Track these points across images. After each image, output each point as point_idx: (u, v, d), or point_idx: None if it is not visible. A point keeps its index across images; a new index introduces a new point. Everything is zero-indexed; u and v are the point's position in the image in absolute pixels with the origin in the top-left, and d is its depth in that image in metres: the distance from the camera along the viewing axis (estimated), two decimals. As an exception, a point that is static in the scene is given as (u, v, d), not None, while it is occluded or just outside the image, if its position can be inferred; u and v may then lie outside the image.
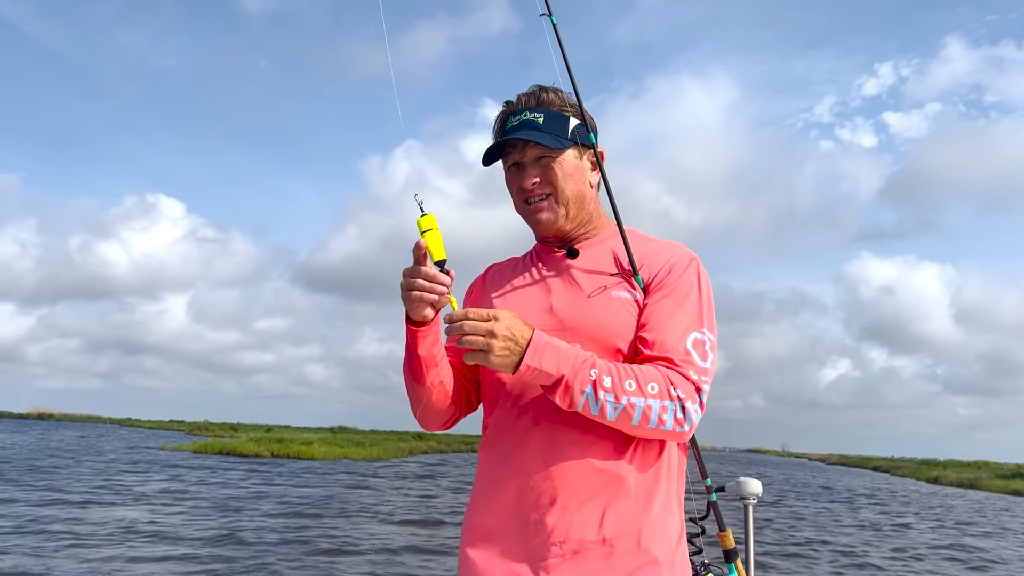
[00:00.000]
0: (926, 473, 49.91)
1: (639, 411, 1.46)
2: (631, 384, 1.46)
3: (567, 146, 1.71)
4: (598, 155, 1.77)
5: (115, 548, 9.50)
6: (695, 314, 1.60)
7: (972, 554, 13.42)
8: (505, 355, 1.45)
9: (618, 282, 1.66)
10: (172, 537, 10.48)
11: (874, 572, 10.84)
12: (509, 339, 1.45)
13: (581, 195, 1.74)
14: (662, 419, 1.47)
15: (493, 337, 1.44)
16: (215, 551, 9.61)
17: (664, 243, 1.74)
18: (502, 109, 1.78)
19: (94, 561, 8.69)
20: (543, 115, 1.71)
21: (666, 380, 1.49)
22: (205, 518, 12.60)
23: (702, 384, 1.52)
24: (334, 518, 13.41)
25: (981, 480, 40.96)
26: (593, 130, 1.77)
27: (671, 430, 1.49)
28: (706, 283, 1.67)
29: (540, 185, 1.72)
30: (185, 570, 8.48)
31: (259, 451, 34.54)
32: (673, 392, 1.48)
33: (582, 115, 1.75)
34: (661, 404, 1.47)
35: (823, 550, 12.57)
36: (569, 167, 1.72)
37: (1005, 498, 32.61)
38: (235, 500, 15.47)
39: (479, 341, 1.45)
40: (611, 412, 1.46)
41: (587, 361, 1.49)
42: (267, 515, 13.25)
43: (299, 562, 9.14)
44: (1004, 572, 11.70)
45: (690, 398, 1.49)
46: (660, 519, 1.57)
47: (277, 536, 10.99)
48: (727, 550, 1.86)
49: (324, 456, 34.96)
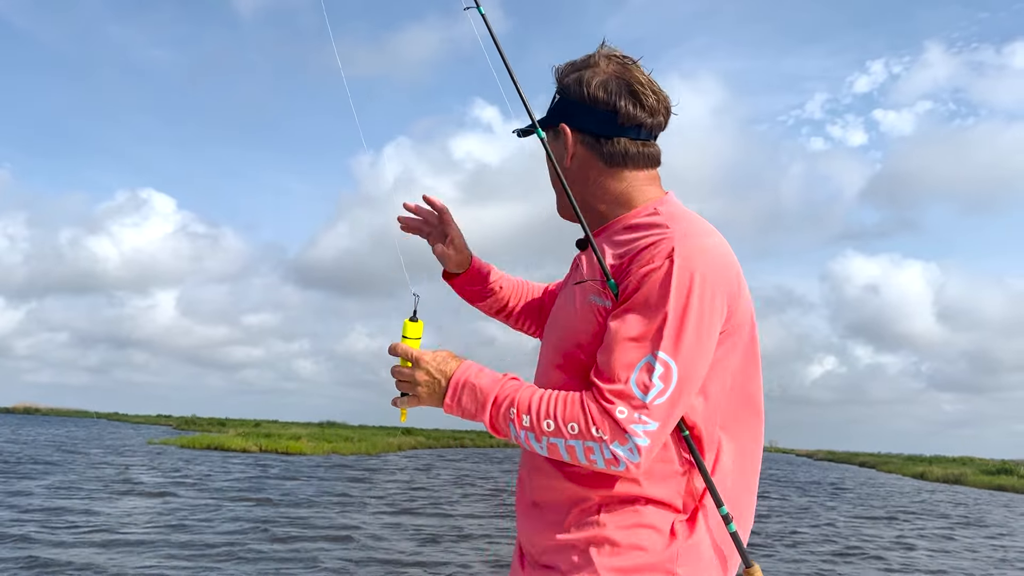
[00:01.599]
0: (912, 469, 50.25)
1: (562, 451, 1.38)
2: (549, 424, 1.37)
3: (530, 131, 1.64)
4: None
5: (95, 549, 9.44)
6: (651, 334, 1.36)
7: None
8: (433, 399, 1.49)
9: (598, 288, 1.48)
10: (154, 532, 10.43)
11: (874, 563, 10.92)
12: (431, 380, 1.48)
13: (554, 180, 1.64)
14: (590, 459, 1.36)
15: (416, 384, 1.49)
16: (199, 545, 9.57)
17: (657, 236, 1.43)
18: None
19: (73, 563, 8.63)
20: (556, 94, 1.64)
21: (588, 419, 1.35)
22: (189, 512, 12.56)
23: (631, 423, 1.32)
24: (323, 508, 13.40)
25: (966, 476, 41.26)
26: (577, 102, 1.57)
27: (605, 468, 1.36)
28: (683, 290, 1.37)
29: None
30: (170, 565, 8.44)
31: (247, 446, 34.39)
32: (595, 433, 1.34)
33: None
34: (584, 445, 1.35)
35: (810, 543, 12.64)
36: (552, 149, 1.62)
37: (993, 494, 32.90)
38: (222, 493, 15.41)
39: (407, 387, 1.50)
40: (537, 448, 1.41)
41: (508, 397, 1.42)
42: (258, 506, 13.24)
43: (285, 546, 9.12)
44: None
45: (616, 439, 1.32)
46: (630, 534, 1.43)
47: (269, 526, 10.96)
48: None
49: (312, 451, 34.86)
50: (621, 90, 1.54)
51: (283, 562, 8.85)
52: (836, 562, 11.10)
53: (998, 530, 17.18)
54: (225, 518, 12.13)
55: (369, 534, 11.24)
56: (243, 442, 35.21)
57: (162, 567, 8.28)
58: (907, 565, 11.22)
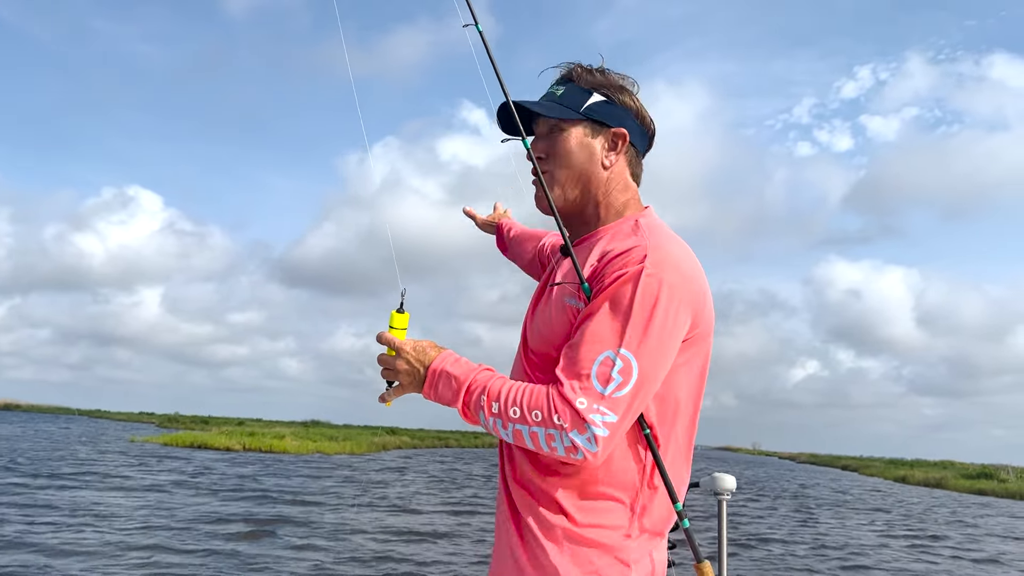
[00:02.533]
0: (894, 472, 50.63)
1: (526, 437, 1.44)
2: (515, 411, 1.45)
3: (575, 119, 1.64)
4: (586, 137, 1.66)
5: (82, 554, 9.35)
6: (615, 330, 1.43)
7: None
8: (412, 383, 1.57)
9: (574, 289, 1.56)
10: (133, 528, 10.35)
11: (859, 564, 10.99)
12: (411, 369, 1.55)
13: (585, 176, 1.66)
14: (551, 446, 1.42)
15: (398, 372, 1.56)
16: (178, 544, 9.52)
17: (633, 244, 1.52)
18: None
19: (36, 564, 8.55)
20: (564, 89, 1.67)
21: (551, 407, 1.42)
22: (172, 508, 12.48)
23: (590, 414, 1.39)
24: (305, 506, 13.36)
25: (947, 480, 41.61)
26: (626, 112, 1.67)
27: (565, 456, 1.42)
28: (650, 294, 1.44)
29: (544, 161, 1.68)
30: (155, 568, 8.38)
31: (230, 444, 34.21)
32: (556, 420, 1.40)
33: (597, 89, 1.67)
34: (546, 432, 1.42)
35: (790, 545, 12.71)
36: (574, 144, 1.65)
37: (973, 498, 33.19)
38: (203, 490, 15.32)
39: (389, 375, 1.58)
40: (504, 434, 1.49)
41: (480, 385, 1.50)
42: (231, 502, 13.18)
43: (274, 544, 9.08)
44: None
45: (575, 428, 1.39)
46: (593, 534, 1.50)
47: (244, 525, 10.90)
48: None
49: (297, 450, 34.73)
50: (649, 115, 1.73)
51: (258, 559, 8.81)
52: (812, 562, 11.16)
53: (977, 532, 17.34)
54: (203, 514, 12.06)
55: (351, 531, 11.21)
56: (226, 440, 35.00)
57: (136, 563, 8.22)
58: (888, 565, 11.30)
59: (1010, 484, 37.53)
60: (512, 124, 1.70)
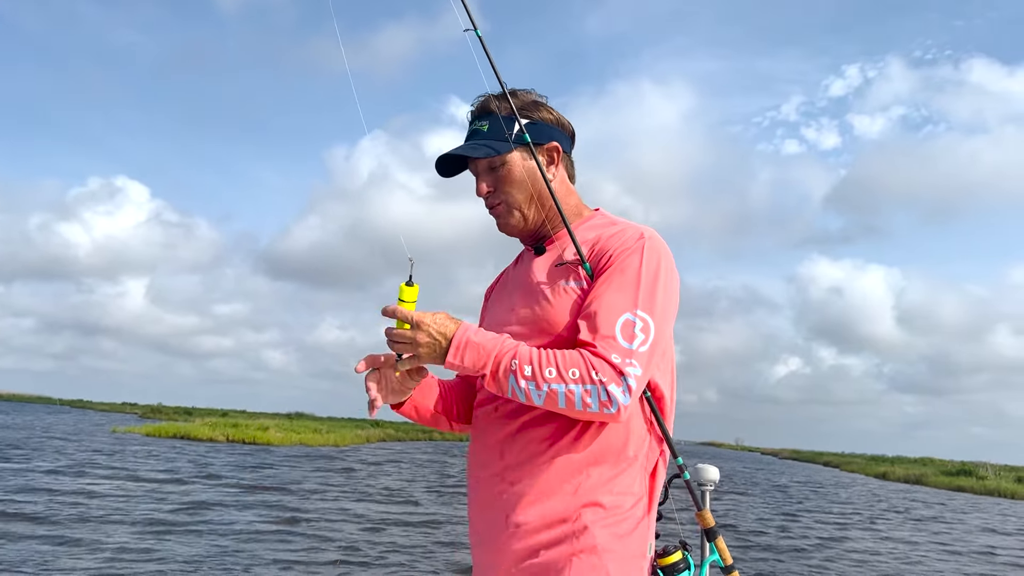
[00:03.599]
0: (874, 469, 51.08)
1: (562, 396, 1.52)
2: (551, 371, 1.53)
3: (510, 150, 1.76)
4: (534, 153, 1.77)
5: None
6: (630, 295, 1.60)
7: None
8: (432, 355, 1.60)
9: (571, 272, 1.70)
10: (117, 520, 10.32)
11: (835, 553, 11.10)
12: (432, 341, 1.59)
13: (537, 195, 1.78)
14: (586, 402, 1.51)
15: (417, 345, 1.59)
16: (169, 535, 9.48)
17: (623, 226, 1.74)
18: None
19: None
20: (488, 123, 1.79)
21: (587, 365, 1.52)
22: (154, 498, 12.43)
23: (625, 367, 1.53)
24: (285, 495, 13.35)
25: (927, 476, 42.04)
26: (550, 125, 1.81)
27: (598, 412, 1.52)
28: (653, 262, 1.65)
29: (493, 195, 1.80)
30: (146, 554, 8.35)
31: (214, 436, 34.06)
32: (595, 376, 1.51)
33: (514, 115, 1.76)
34: (583, 388, 1.51)
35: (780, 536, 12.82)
36: (517, 171, 1.77)
37: (953, 495, 33.55)
38: (183, 479, 15.27)
39: (406, 348, 1.61)
40: (536, 398, 1.54)
41: (509, 352, 1.57)
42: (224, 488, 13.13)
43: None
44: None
45: (612, 381, 1.51)
46: (613, 502, 1.62)
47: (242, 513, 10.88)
48: (707, 529, 1.76)
49: (281, 442, 34.63)
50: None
51: (243, 550, 8.80)
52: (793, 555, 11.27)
53: (952, 526, 17.55)
54: (181, 503, 12.04)
55: (333, 519, 11.21)
56: (210, 431, 34.85)
57: (109, 550, 8.19)
58: (872, 556, 11.43)
59: (989, 481, 37.97)
60: (450, 168, 1.84)
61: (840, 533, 15.07)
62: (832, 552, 12.31)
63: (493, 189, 1.80)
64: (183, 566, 7.91)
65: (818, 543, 13.26)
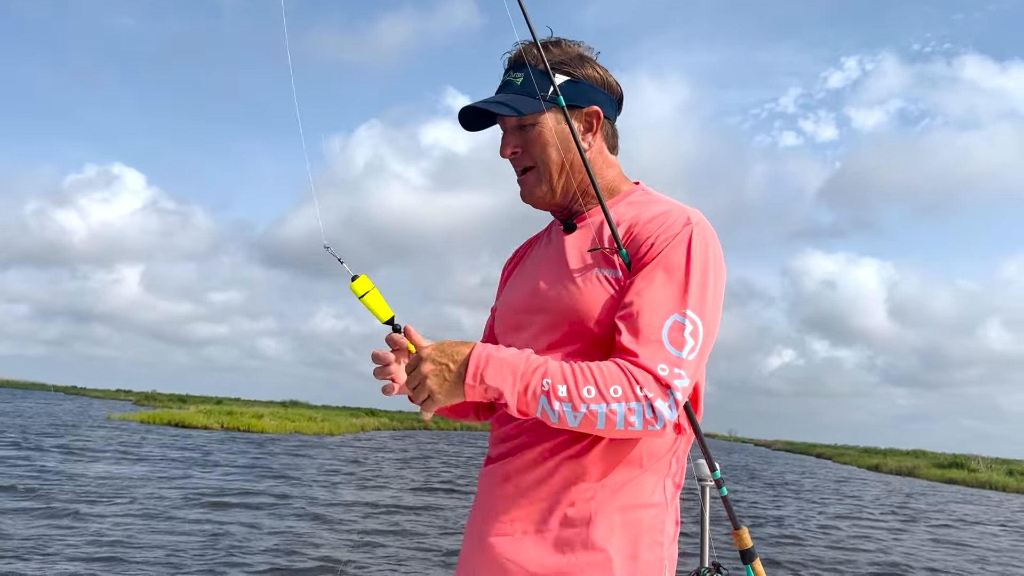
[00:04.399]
0: (867, 461, 51.33)
1: (602, 417, 1.34)
2: (590, 390, 1.34)
3: (541, 110, 1.54)
4: (567, 117, 1.53)
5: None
6: (677, 294, 1.41)
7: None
8: (443, 386, 1.39)
9: (605, 258, 1.49)
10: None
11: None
12: (440, 372, 1.39)
13: (570, 164, 1.56)
14: (629, 421, 1.34)
15: (425, 379, 1.39)
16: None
17: (665, 207, 1.52)
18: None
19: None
20: (522, 75, 1.56)
21: (630, 380, 1.34)
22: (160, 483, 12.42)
23: (673, 379, 1.35)
24: (279, 483, 13.35)
25: (919, 468, 42.26)
26: (593, 86, 1.59)
27: (642, 430, 1.35)
28: (702, 254, 1.44)
29: (519, 157, 1.59)
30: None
31: (208, 423, 34.04)
32: (639, 392, 1.33)
33: (548, 71, 1.53)
34: (627, 407, 1.33)
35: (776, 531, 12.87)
36: (549, 134, 1.55)
37: (945, 486, 33.73)
38: (175, 466, 15.26)
39: (416, 390, 1.41)
40: (571, 420, 1.35)
41: (538, 370, 1.37)
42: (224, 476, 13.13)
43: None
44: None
45: (659, 396, 1.34)
46: (629, 510, 1.46)
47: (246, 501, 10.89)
48: (743, 550, 1.59)
49: (275, 430, 34.63)
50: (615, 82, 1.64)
51: (239, 533, 8.80)
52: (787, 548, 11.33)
53: (941, 518, 17.65)
54: (172, 489, 12.03)
55: (326, 505, 11.23)
56: (204, 419, 34.82)
57: (97, 535, 8.19)
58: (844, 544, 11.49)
59: (980, 474, 38.20)
60: (474, 122, 1.62)
61: (831, 523, 15.15)
62: (825, 540, 12.37)
63: (520, 151, 1.58)
64: (185, 551, 7.92)
65: (808, 532, 13.32)
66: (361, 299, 1.44)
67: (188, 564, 7.54)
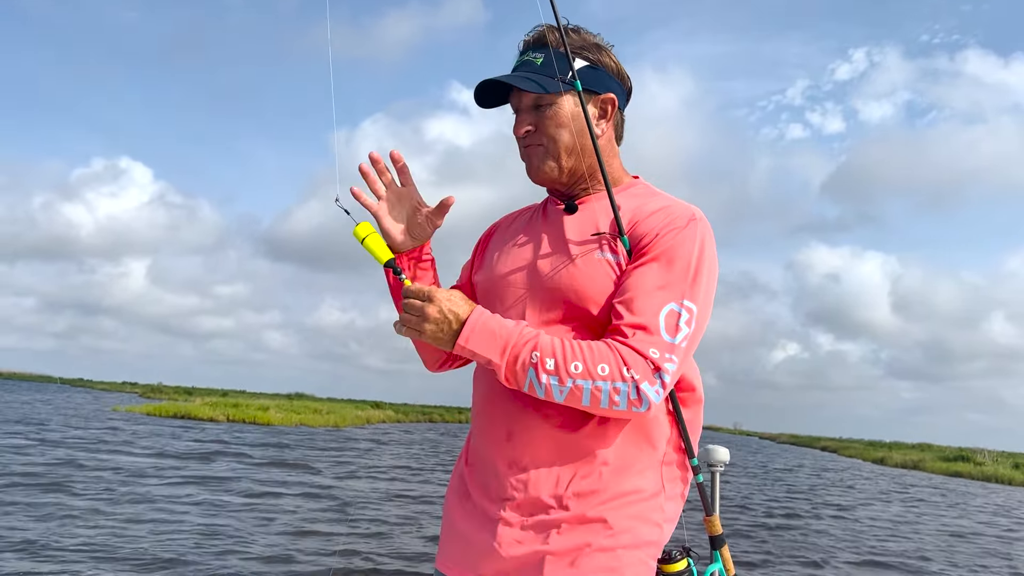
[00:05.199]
0: (872, 454, 51.29)
1: (587, 393, 1.39)
2: (577, 366, 1.39)
3: (563, 90, 1.57)
4: (583, 101, 1.57)
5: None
6: (677, 283, 1.46)
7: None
8: (439, 336, 1.45)
9: (606, 242, 1.54)
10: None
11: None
12: (442, 320, 1.44)
13: (577, 146, 1.59)
14: (614, 400, 1.38)
15: (425, 320, 1.44)
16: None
17: (668, 201, 1.57)
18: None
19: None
20: (543, 56, 1.58)
21: (618, 360, 1.39)
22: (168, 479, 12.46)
23: (663, 363, 1.39)
24: (283, 471, 13.38)
25: (924, 462, 42.21)
26: (609, 75, 1.63)
27: (626, 410, 1.40)
28: (701, 248, 1.50)
29: (533, 134, 1.61)
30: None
31: (214, 415, 34.17)
32: (626, 373, 1.38)
33: (569, 55, 1.57)
34: (612, 386, 1.38)
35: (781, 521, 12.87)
36: (565, 115, 1.58)
37: (950, 480, 33.69)
38: (179, 456, 15.31)
39: (411, 320, 1.46)
40: (557, 394, 1.40)
41: (529, 342, 1.42)
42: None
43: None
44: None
45: (646, 378, 1.38)
46: (628, 490, 1.50)
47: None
48: (713, 536, 1.65)
49: (281, 422, 34.72)
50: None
51: (242, 527, 8.83)
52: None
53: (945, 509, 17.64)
54: (174, 479, 12.07)
55: (332, 495, 11.26)
56: (210, 411, 34.95)
57: (101, 525, 8.22)
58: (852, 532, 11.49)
59: (986, 467, 38.13)
60: (490, 97, 1.65)
61: (843, 513, 15.15)
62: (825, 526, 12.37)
63: (534, 129, 1.60)
64: (205, 538, 7.94)
65: (809, 520, 13.32)
66: (362, 243, 1.54)
67: (206, 559, 7.56)
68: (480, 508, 1.58)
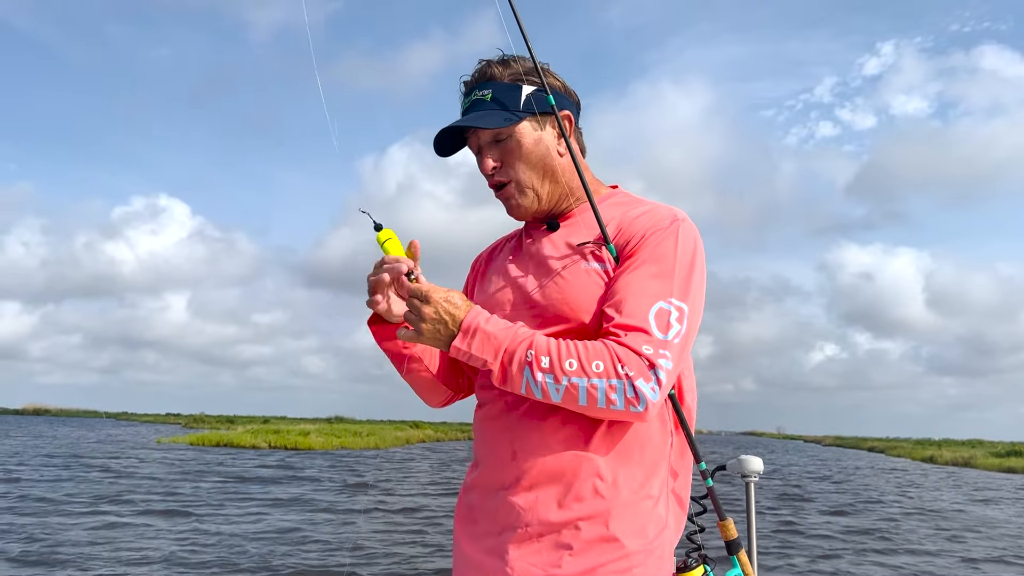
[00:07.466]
0: (921, 453, 50.15)
1: (583, 392, 1.36)
2: (572, 363, 1.37)
3: (519, 119, 1.58)
4: (559, 120, 1.59)
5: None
6: (664, 282, 1.45)
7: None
8: (435, 336, 1.45)
9: (591, 252, 1.54)
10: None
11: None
12: (438, 321, 1.43)
13: (550, 169, 1.61)
14: (610, 399, 1.36)
15: (422, 320, 1.44)
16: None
17: (650, 207, 1.57)
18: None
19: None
20: (490, 91, 1.60)
21: (613, 358, 1.37)
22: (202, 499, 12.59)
23: (657, 359, 1.37)
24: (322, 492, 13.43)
25: (976, 459, 41.17)
26: (559, 93, 1.64)
27: (623, 410, 1.37)
28: (687, 247, 1.50)
29: (500, 170, 1.61)
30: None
31: (256, 442, 34.52)
32: (621, 370, 1.36)
33: (539, 80, 1.59)
34: (608, 383, 1.36)
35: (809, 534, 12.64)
36: (529, 143, 1.59)
37: (1006, 476, 32.82)
38: (228, 484, 15.47)
39: (410, 318, 1.46)
40: (553, 393, 1.38)
41: (524, 341, 1.41)
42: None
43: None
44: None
45: (641, 376, 1.36)
46: (635, 504, 1.47)
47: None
48: (729, 541, 1.62)
49: (322, 446, 34.97)
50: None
51: (295, 549, 8.88)
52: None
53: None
54: (231, 499, 12.17)
55: (383, 513, 11.28)
56: (252, 438, 35.33)
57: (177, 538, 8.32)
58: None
59: (1041, 461, 37.09)
60: (448, 145, 1.67)
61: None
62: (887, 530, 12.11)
63: (500, 164, 1.60)
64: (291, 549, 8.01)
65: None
66: (382, 246, 1.55)
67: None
68: (490, 534, 1.54)
